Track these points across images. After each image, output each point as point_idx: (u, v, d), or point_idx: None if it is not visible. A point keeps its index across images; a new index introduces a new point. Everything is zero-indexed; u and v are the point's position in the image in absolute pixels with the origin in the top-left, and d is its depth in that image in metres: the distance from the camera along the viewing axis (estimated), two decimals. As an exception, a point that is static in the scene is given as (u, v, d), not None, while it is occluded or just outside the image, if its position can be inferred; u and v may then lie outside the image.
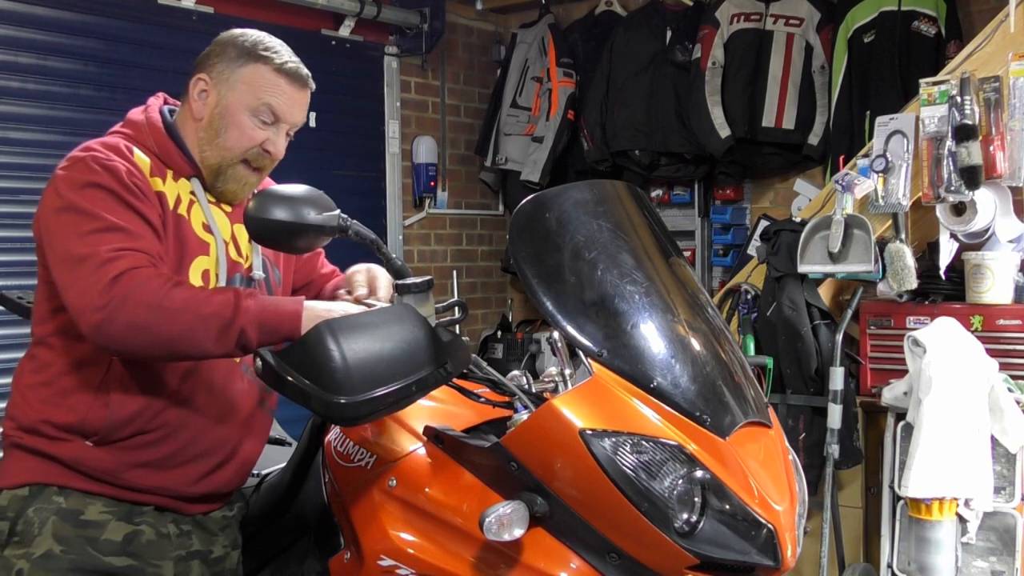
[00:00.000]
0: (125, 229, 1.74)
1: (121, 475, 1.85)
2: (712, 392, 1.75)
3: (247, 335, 1.68)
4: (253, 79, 1.91)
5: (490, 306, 5.84)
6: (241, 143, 1.91)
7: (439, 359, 1.70)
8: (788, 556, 1.66)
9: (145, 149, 1.88)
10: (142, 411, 1.84)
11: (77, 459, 1.83)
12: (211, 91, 1.92)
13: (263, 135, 1.92)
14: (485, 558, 1.73)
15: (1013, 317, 3.30)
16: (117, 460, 1.84)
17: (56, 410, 1.83)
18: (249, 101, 1.90)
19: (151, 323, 1.66)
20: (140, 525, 1.87)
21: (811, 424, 3.56)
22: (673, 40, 4.92)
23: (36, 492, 1.83)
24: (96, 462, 1.83)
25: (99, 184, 1.76)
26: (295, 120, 1.97)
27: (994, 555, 3.11)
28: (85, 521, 1.82)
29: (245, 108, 1.90)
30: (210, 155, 1.92)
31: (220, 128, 1.91)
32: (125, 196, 1.77)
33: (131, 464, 1.85)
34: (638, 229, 1.97)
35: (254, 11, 4.57)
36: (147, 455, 1.86)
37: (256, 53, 1.92)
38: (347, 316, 1.67)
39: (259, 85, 1.91)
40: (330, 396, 1.60)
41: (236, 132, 1.90)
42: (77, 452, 1.82)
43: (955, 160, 3.26)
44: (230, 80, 1.91)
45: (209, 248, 1.90)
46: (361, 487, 1.94)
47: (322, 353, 1.59)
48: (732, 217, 5.15)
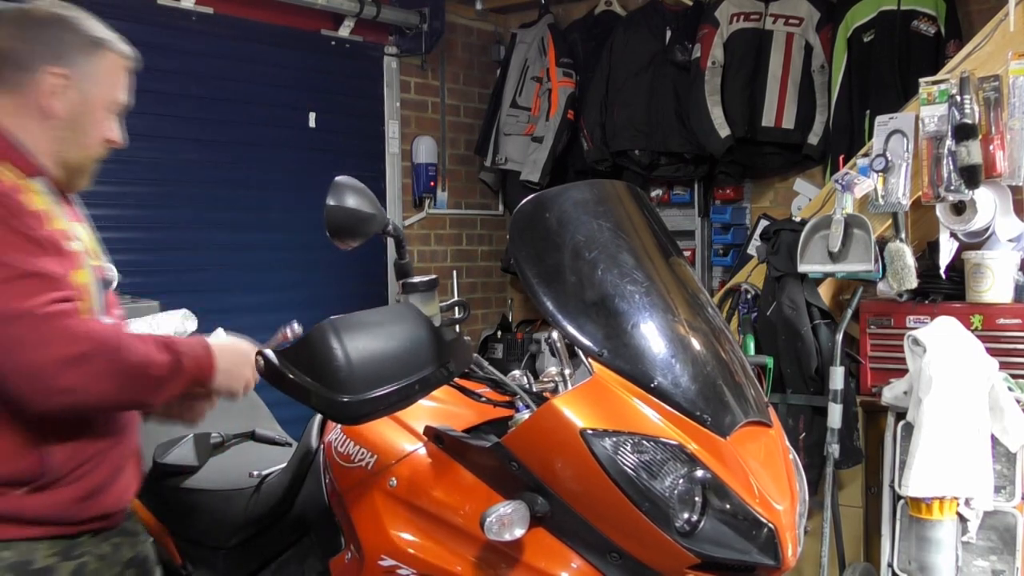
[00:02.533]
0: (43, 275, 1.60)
1: (63, 515, 1.73)
2: (712, 392, 1.75)
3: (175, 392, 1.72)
4: (111, 73, 1.81)
5: (490, 306, 5.84)
6: (99, 140, 1.82)
7: (441, 358, 1.70)
8: (789, 555, 1.66)
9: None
10: (75, 447, 1.72)
11: (16, 511, 1.68)
12: (73, 88, 1.76)
13: (114, 130, 1.84)
14: (486, 558, 1.73)
15: (1013, 316, 3.30)
16: (55, 502, 1.71)
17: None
18: (109, 96, 1.81)
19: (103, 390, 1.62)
20: (82, 557, 1.77)
21: (811, 424, 3.56)
22: (673, 40, 4.92)
23: None
24: (35, 510, 1.70)
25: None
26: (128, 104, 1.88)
27: (994, 554, 3.11)
28: (37, 570, 1.71)
29: (104, 104, 1.81)
30: (72, 155, 1.79)
31: (85, 127, 1.79)
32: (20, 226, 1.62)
33: (72, 501, 1.73)
34: (638, 229, 1.98)
35: (254, 11, 4.56)
36: (83, 487, 1.74)
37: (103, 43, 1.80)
38: (351, 315, 1.67)
39: (116, 78, 1.82)
40: (333, 395, 1.60)
41: (97, 131, 1.81)
42: (14, 504, 1.68)
43: (955, 159, 3.26)
44: (91, 75, 1.78)
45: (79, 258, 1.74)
46: (362, 487, 1.94)
47: (326, 352, 1.59)
48: (732, 217, 5.15)
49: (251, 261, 4.63)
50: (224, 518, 2.25)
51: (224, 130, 4.51)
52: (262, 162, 4.61)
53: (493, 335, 5.62)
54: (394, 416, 1.92)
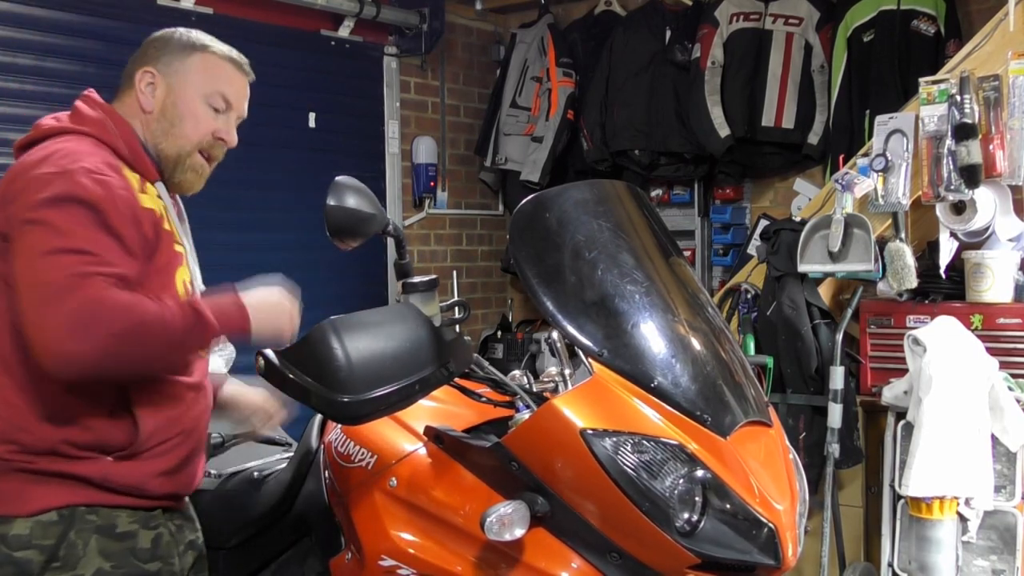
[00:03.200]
0: (94, 253, 1.65)
1: (144, 487, 1.82)
2: (712, 391, 1.75)
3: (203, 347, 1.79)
4: (204, 67, 1.91)
5: (490, 306, 5.84)
6: (197, 131, 1.90)
7: (442, 358, 1.70)
8: (789, 555, 1.66)
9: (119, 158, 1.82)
10: (166, 421, 1.83)
11: (103, 477, 1.78)
12: (159, 83, 1.89)
13: (217, 123, 1.91)
14: (486, 558, 1.73)
15: (1013, 316, 3.30)
16: (140, 472, 1.81)
17: (72, 430, 1.75)
18: (203, 89, 1.90)
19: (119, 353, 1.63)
20: (158, 528, 1.86)
21: (811, 423, 3.56)
22: (672, 40, 4.92)
23: (68, 515, 1.76)
24: (121, 477, 1.79)
25: (81, 200, 1.67)
26: (243, 109, 1.97)
27: (995, 554, 3.11)
28: (122, 533, 1.80)
29: (199, 96, 1.90)
30: (166, 147, 1.89)
31: (174, 118, 1.89)
32: (108, 217, 1.69)
33: (153, 474, 1.82)
34: (638, 229, 1.98)
35: (253, 11, 4.56)
36: (166, 463, 1.84)
37: (200, 44, 1.93)
38: (351, 315, 1.67)
39: (211, 73, 1.91)
40: (333, 395, 1.60)
41: (192, 121, 1.89)
42: (102, 469, 1.78)
43: (955, 159, 3.26)
44: (180, 70, 1.90)
45: (183, 258, 1.89)
46: (362, 487, 1.94)
47: (326, 352, 1.59)
48: (732, 216, 5.15)
49: (251, 261, 4.59)
50: (224, 518, 2.25)
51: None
52: (262, 162, 4.60)
53: (493, 335, 5.61)
54: (394, 416, 1.92)
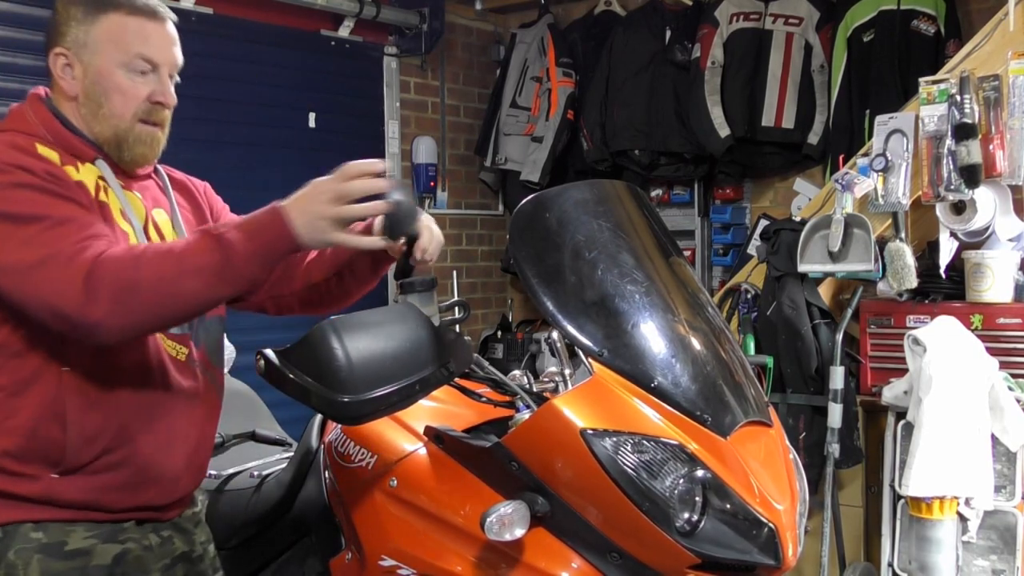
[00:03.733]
0: (75, 219, 1.59)
1: (99, 502, 1.72)
2: (713, 391, 1.75)
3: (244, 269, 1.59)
4: (112, 32, 1.73)
5: (490, 306, 5.84)
6: (128, 105, 1.74)
7: (442, 358, 1.70)
8: (789, 555, 1.66)
9: (43, 141, 1.71)
10: (103, 427, 1.70)
11: (47, 494, 1.68)
12: (74, 62, 1.74)
13: (147, 88, 1.75)
14: (486, 558, 1.73)
15: (1013, 316, 3.30)
16: (90, 487, 1.70)
17: (6, 442, 1.66)
18: (118, 57, 1.73)
19: (144, 301, 1.55)
20: (126, 543, 1.75)
21: (811, 423, 3.56)
22: (672, 40, 4.92)
23: (11, 532, 1.67)
24: (69, 494, 1.69)
25: (20, 184, 1.60)
26: (173, 61, 1.80)
27: (995, 554, 3.11)
28: (71, 551, 1.69)
29: (117, 66, 1.73)
30: (102, 129, 1.75)
31: (100, 98, 1.74)
32: (52, 188, 1.62)
33: (106, 489, 1.72)
34: (638, 229, 1.98)
35: (253, 12, 4.56)
36: (119, 477, 1.73)
37: (102, 3, 1.74)
38: (351, 315, 1.66)
39: (121, 36, 1.73)
40: (333, 395, 1.59)
41: (119, 96, 1.74)
42: (46, 488, 1.68)
43: (955, 159, 3.25)
44: (88, 43, 1.73)
45: (129, 237, 1.74)
46: (362, 487, 1.94)
47: (326, 352, 1.59)
48: (732, 216, 5.15)
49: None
50: (224, 518, 2.25)
51: (224, 130, 4.50)
52: (262, 162, 4.60)
53: (493, 335, 5.61)
54: (394, 416, 1.91)
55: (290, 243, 1.61)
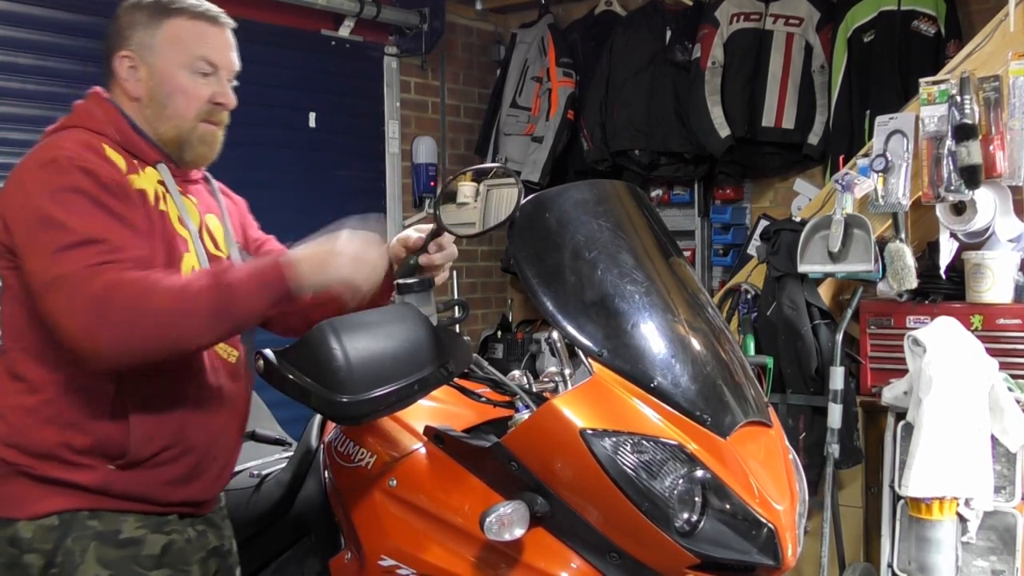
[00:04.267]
0: (104, 240, 1.64)
1: (151, 495, 1.79)
2: (712, 392, 1.75)
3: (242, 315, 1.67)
4: (176, 35, 1.80)
5: (490, 306, 5.84)
6: (191, 106, 1.81)
7: (441, 358, 1.70)
8: (789, 555, 1.66)
9: (111, 143, 1.78)
10: (164, 426, 1.77)
11: (104, 485, 1.75)
12: (139, 64, 1.81)
13: (209, 89, 1.83)
14: (486, 558, 1.73)
15: (1013, 316, 3.30)
16: (145, 481, 1.77)
17: (70, 433, 1.72)
18: (182, 59, 1.80)
19: (145, 335, 1.61)
20: (171, 534, 1.82)
21: (811, 424, 3.56)
22: (673, 40, 4.92)
23: (68, 520, 1.73)
24: (124, 486, 1.76)
25: (76, 188, 1.66)
26: (231, 65, 1.87)
27: (994, 554, 3.11)
28: (125, 540, 1.76)
29: (181, 68, 1.80)
30: (165, 130, 1.82)
31: (164, 99, 1.81)
32: (105, 200, 1.68)
33: (159, 483, 1.79)
34: (638, 229, 1.97)
35: (254, 11, 4.55)
36: (173, 471, 1.80)
37: (167, 8, 1.82)
38: (350, 315, 1.67)
39: (184, 39, 1.81)
40: (332, 395, 1.60)
41: (182, 97, 1.81)
42: (103, 478, 1.74)
43: (955, 159, 3.25)
44: (154, 47, 1.80)
45: (188, 243, 1.82)
46: (361, 487, 1.94)
47: (325, 352, 1.59)
48: (732, 217, 5.15)
49: (251, 260, 4.62)
50: (224, 518, 2.25)
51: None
52: (262, 162, 4.60)
53: (493, 335, 5.61)
54: (394, 416, 1.92)
55: (291, 297, 1.69)
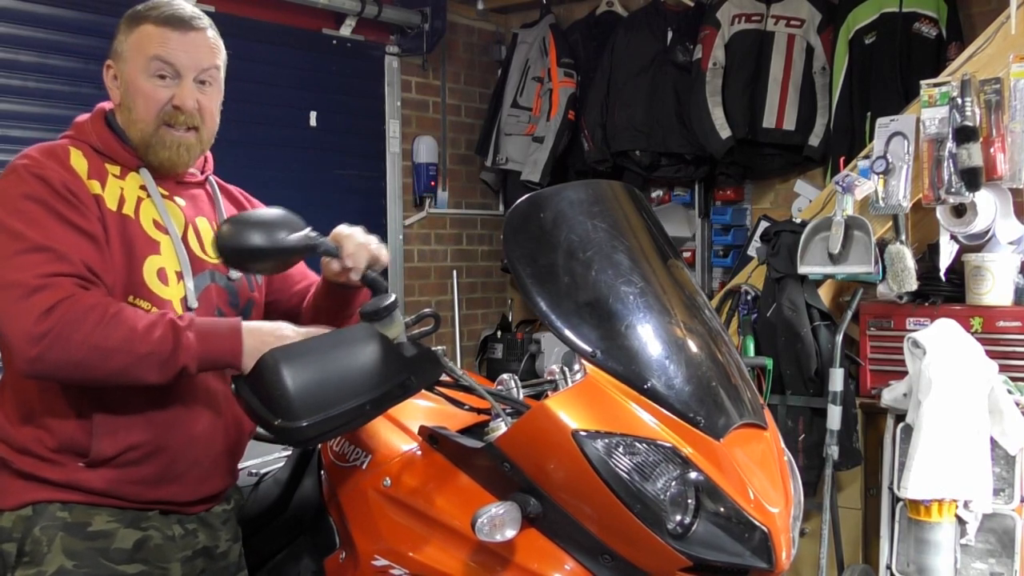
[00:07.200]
0: (52, 249, 1.68)
1: (121, 492, 1.81)
2: (707, 393, 1.74)
3: (188, 369, 1.70)
4: (138, 42, 1.85)
5: (490, 306, 5.84)
6: (149, 109, 1.84)
7: (400, 375, 1.71)
8: (782, 558, 1.65)
9: (87, 148, 1.84)
10: (131, 426, 1.79)
11: (75, 481, 1.78)
12: (117, 72, 1.89)
13: (167, 92, 1.85)
14: (478, 559, 1.72)
15: (1013, 319, 3.30)
16: (113, 479, 1.79)
17: (42, 431, 1.78)
18: (140, 63, 1.84)
19: (87, 362, 1.65)
20: (148, 530, 1.83)
21: (811, 425, 3.56)
22: (674, 41, 4.92)
23: (40, 510, 1.78)
24: (93, 483, 1.79)
25: (29, 196, 1.72)
26: (195, 63, 1.87)
27: (993, 557, 3.11)
28: (94, 532, 1.78)
29: (140, 72, 1.85)
30: (132, 134, 1.86)
31: (130, 103, 1.86)
32: (56, 206, 1.72)
33: (129, 482, 1.80)
34: (634, 230, 1.97)
35: (255, 10, 4.56)
36: (144, 471, 1.81)
37: (139, 16, 1.87)
38: (293, 344, 1.68)
39: (144, 44, 1.85)
40: (281, 421, 1.63)
41: (142, 100, 1.84)
42: (72, 475, 1.78)
43: (955, 162, 3.25)
44: (123, 53, 1.87)
45: (159, 246, 1.83)
46: (356, 487, 1.94)
47: (269, 381, 1.63)
48: (732, 218, 5.14)
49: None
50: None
51: (224, 129, 4.47)
52: (263, 161, 4.60)
53: (493, 335, 5.61)
54: (389, 416, 1.92)
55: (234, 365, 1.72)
